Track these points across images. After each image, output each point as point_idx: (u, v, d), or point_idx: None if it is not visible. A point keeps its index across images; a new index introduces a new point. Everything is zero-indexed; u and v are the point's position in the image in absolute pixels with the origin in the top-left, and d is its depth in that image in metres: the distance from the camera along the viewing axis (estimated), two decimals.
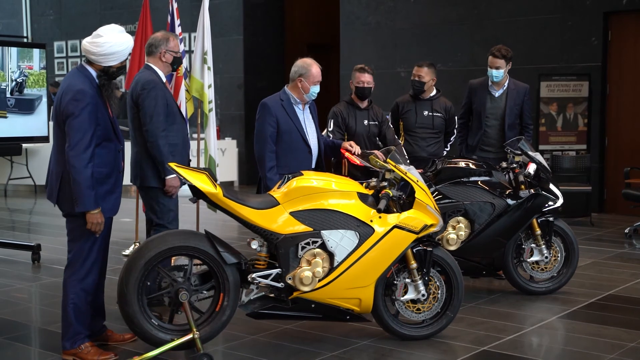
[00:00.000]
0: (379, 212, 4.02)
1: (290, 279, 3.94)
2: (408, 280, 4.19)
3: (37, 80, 7.70)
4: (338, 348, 4.13)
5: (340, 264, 3.98)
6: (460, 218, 5.00)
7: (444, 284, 4.28)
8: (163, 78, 4.62)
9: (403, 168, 4.20)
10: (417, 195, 4.16)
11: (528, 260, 5.18)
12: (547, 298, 5.17)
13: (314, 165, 4.90)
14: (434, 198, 4.50)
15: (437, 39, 9.88)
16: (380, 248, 4.02)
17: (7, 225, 8.49)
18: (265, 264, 4.02)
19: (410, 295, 4.19)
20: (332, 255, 3.98)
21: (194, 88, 6.32)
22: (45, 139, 7.55)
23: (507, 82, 6.00)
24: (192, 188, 3.89)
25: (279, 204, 3.99)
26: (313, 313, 4.08)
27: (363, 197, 4.12)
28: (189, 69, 6.59)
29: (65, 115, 3.76)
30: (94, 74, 3.86)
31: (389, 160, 4.19)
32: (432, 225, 4.15)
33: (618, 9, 8.68)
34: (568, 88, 8.65)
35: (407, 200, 4.22)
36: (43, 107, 7.75)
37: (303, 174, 4.15)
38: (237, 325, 4.33)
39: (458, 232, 4.97)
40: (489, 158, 5.81)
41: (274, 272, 3.97)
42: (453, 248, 4.92)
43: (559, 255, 5.24)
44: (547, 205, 5.15)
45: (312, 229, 3.96)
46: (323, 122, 5.46)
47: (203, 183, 3.85)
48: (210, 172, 3.97)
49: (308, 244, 3.96)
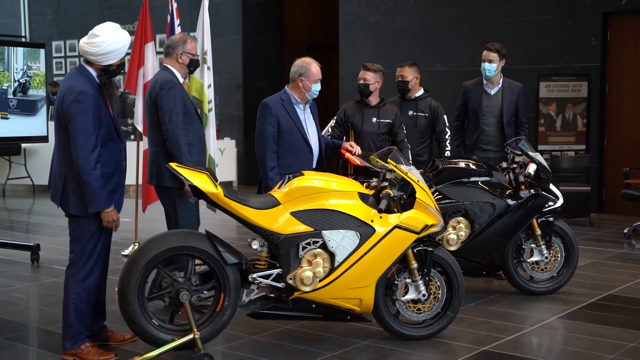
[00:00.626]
0: (380, 212, 4.02)
1: (291, 279, 3.94)
2: (409, 281, 4.19)
3: (42, 82, 7.69)
4: (339, 348, 4.13)
5: (341, 264, 3.98)
6: (461, 218, 4.99)
7: (445, 284, 4.28)
8: (180, 79, 4.66)
9: (404, 168, 4.20)
10: (417, 196, 4.16)
11: (528, 261, 5.18)
12: (547, 298, 5.18)
13: (315, 165, 4.90)
14: (434, 198, 4.50)
15: (437, 39, 9.88)
16: (381, 248, 4.02)
17: (5, 225, 8.47)
18: (266, 264, 4.02)
19: (411, 296, 4.19)
20: (332, 256, 3.98)
21: (194, 88, 6.30)
22: (45, 139, 7.53)
23: (501, 80, 6.02)
24: (192, 188, 3.89)
25: (280, 204, 3.98)
26: (314, 313, 4.08)
27: (364, 197, 4.11)
28: None
29: (69, 118, 3.75)
30: (94, 74, 3.85)
31: (390, 161, 4.19)
32: (432, 226, 4.15)
33: (617, 10, 8.69)
34: (567, 88, 8.65)
35: (407, 201, 4.22)
36: (42, 107, 7.73)
37: (304, 174, 4.14)
38: (237, 326, 4.33)
39: (458, 232, 4.96)
40: (489, 157, 5.81)
41: (275, 272, 3.96)
42: (453, 248, 4.92)
43: (559, 256, 5.25)
44: (547, 206, 5.16)
45: (313, 229, 3.96)
46: (324, 121, 5.46)
47: (204, 183, 3.85)
48: (211, 172, 3.97)
49: (309, 244, 3.96)
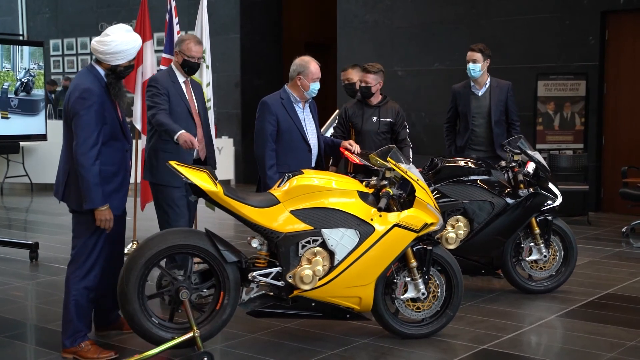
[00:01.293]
0: (380, 210, 4.02)
1: (291, 278, 3.94)
2: (408, 279, 4.19)
3: (41, 81, 7.65)
4: (338, 346, 4.13)
5: (341, 263, 3.98)
6: (460, 217, 5.00)
7: (444, 283, 4.28)
8: (180, 78, 4.66)
9: (403, 167, 4.20)
10: (417, 194, 4.17)
11: (527, 259, 5.19)
12: (545, 297, 5.19)
13: (314, 164, 4.89)
14: (434, 197, 4.50)
15: (435, 38, 9.89)
16: (381, 247, 4.02)
17: (3, 224, 8.46)
18: (266, 263, 4.02)
19: (410, 294, 4.20)
20: (332, 254, 3.98)
21: None
22: (43, 137, 7.51)
23: (488, 80, 6.01)
24: (192, 186, 3.89)
25: (280, 203, 3.98)
26: (313, 311, 4.08)
27: (363, 195, 4.12)
28: None
29: (72, 114, 3.79)
30: (102, 73, 3.90)
31: (389, 159, 4.19)
32: (432, 224, 4.16)
33: (615, 9, 8.70)
34: (565, 87, 8.67)
35: (407, 199, 4.22)
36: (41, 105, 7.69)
37: (304, 173, 4.15)
38: (237, 324, 4.32)
39: (457, 230, 4.97)
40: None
41: (274, 270, 3.96)
42: (452, 247, 4.93)
43: (558, 254, 5.26)
44: (546, 204, 5.17)
45: (312, 228, 3.96)
46: (323, 120, 5.47)
47: (203, 181, 3.85)
48: (211, 170, 3.96)
49: (308, 243, 3.96)
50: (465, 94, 6.03)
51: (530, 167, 5.19)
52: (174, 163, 3.92)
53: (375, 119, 5.47)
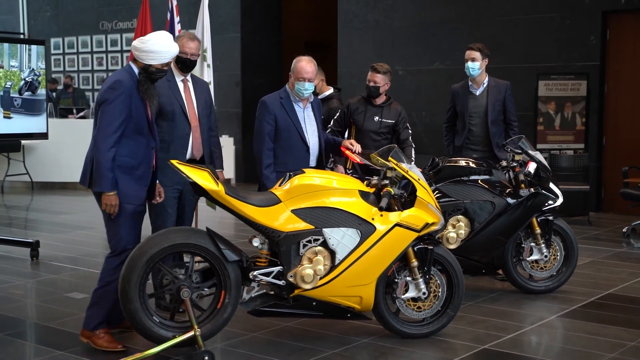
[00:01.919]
0: (381, 210, 4.02)
1: (292, 277, 3.94)
2: (409, 279, 4.20)
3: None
4: (338, 346, 4.14)
5: (342, 262, 3.98)
6: (460, 217, 5.00)
7: (445, 283, 4.28)
8: (178, 77, 4.66)
9: (404, 166, 4.20)
10: (418, 194, 4.17)
11: (527, 259, 5.19)
12: (546, 297, 5.19)
13: (315, 164, 4.88)
14: (435, 196, 4.50)
15: (435, 38, 9.89)
16: (382, 246, 4.02)
17: (4, 222, 8.46)
18: (267, 262, 4.02)
19: (411, 294, 4.20)
20: (333, 253, 3.98)
21: None
22: (45, 136, 7.50)
23: (486, 79, 6.01)
24: (193, 185, 3.89)
25: (281, 202, 3.99)
26: (314, 311, 4.08)
27: (364, 195, 4.12)
28: None
29: (101, 102, 3.98)
30: (137, 71, 4.05)
31: (391, 159, 4.19)
32: (433, 224, 4.16)
33: (617, 9, 8.70)
34: (566, 87, 8.67)
35: (408, 199, 4.22)
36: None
37: (305, 172, 4.15)
38: (238, 323, 4.33)
39: (458, 230, 4.97)
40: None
41: (275, 269, 3.96)
42: (453, 246, 4.93)
43: (559, 254, 5.26)
44: (546, 205, 5.17)
45: (313, 227, 3.96)
46: (327, 120, 5.46)
47: (205, 180, 3.85)
48: (212, 169, 3.97)
49: (309, 242, 3.96)
50: (463, 94, 6.03)
51: (531, 167, 5.19)
52: (176, 162, 3.93)
53: (377, 119, 5.47)
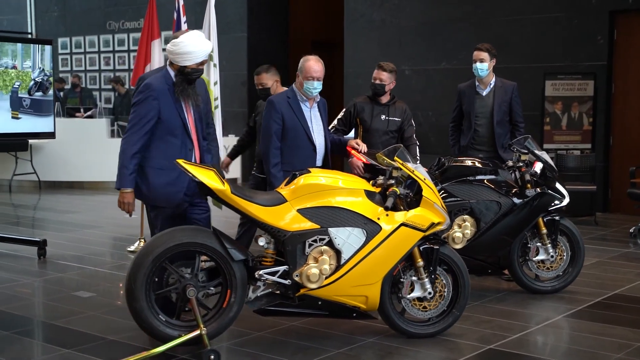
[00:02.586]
0: (386, 209, 4.02)
1: (297, 276, 3.95)
2: (414, 278, 4.20)
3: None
4: (344, 345, 4.14)
5: (347, 262, 3.99)
6: (466, 216, 5.00)
7: (450, 282, 4.28)
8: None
9: (410, 166, 4.20)
10: (424, 193, 4.16)
11: (534, 259, 5.18)
12: (552, 297, 5.18)
13: (321, 164, 4.88)
14: (440, 196, 4.50)
15: (441, 37, 9.88)
16: (387, 246, 4.02)
17: (11, 221, 8.50)
18: (273, 261, 4.02)
19: (417, 293, 4.20)
20: (339, 253, 3.98)
21: None
22: (52, 135, 7.52)
23: (493, 80, 6.00)
24: (199, 185, 3.90)
25: (287, 201, 3.99)
26: (319, 310, 4.09)
27: (370, 194, 4.12)
28: None
29: (132, 104, 4.16)
30: (172, 74, 4.15)
31: (396, 158, 4.19)
32: (439, 224, 4.16)
33: (624, 8, 8.67)
34: (573, 87, 8.64)
35: (414, 198, 4.22)
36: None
37: (310, 172, 4.15)
38: (243, 322, 4.33)
39: (464, 230, 4.97)
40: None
41: (281, 269, 3.97)
42: (459, 246, 4.92)
43: (565, 255, 5.24)
44: (553, 205, 5.15)
45: (319, 227, 3.96)
46: (332, 120, 5.46)
47: (211, 180, 3.86)
48: (218, 168, 3.98)
49: (315, 241, 3.96)
50: (470, 94, 6.03)
51: (538, 167, 5.18)
52: (182, 161, 3.93)
53: (384, 117, 5.49)
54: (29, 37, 11.67)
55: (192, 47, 4.06)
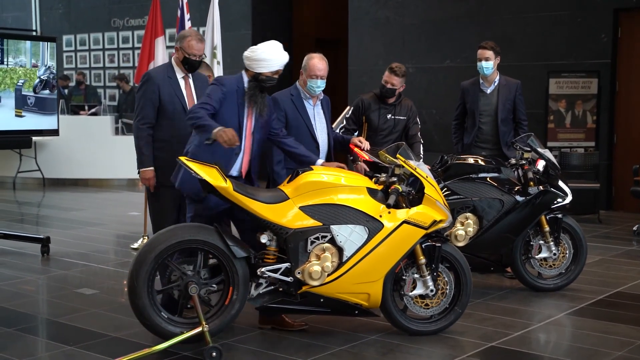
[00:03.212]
0: (389, 207, 4.03)
1: (299, 274, 3.96)
2: (417, 276, 4.20)
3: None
4: (346, 342, 4.15)
5: (349, 259, 3.99)
6: (469, 214, 5.00)
7: (453, 280, 4.28)
8: (179, 74, 4.68)
9: (412, 164, 4.20)
10: (426, 191, 4.17)
11: (536, 257, 5.18)
12: (555, 295, 5.18)
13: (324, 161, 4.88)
14: (443, 194, 4.50)
15: (445, 35, 9.87)
16: (389, 243, 4.03)
17: (15, 218, 8.53)
18: (275, 258, 4.03)
19: (419, 291, 4.20)
20: (341, 250, 3.99)
21: None
22: (56, 132, 7.55)
23: (497, 78, 5.99)
24: (201, 182, 3.91)
25: (289, 199, 4.00)
26: (321, 307, 4.09)
27: (372, 192, 4.12)
28: None
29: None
30: (246, 79, 4.24)
31: (399, 156, 4.20)
32: (441, 221, 4.16)
33: (628, 6, 8.65)
34: (577, 85, 8.63)
35: (416, 196, 4.23)
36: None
37: (313, 169, 4.16)
38: (245, 319, 4.35)
39: (466, 228, 4.97)
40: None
41: (283, 266, 3.98)
42: (461, 244, 4.93)
43: (567, 252, 5.24)
44: (556, 202, 5.15)
45: (321, 224, 3.97)
46: (334, 117, 5.46)
47: (213, 177, 3.86)
48: (221, 166, 3.98)
49: (317, 239, 3.97)
50: (474, 91, 6.02)
51: (540, 164, 5.18)
52: (184, 158, 3.94)
53: (390, 116, 5.50)
54: (34, 34, 11.69)
55: (268, 55, 4.17)
